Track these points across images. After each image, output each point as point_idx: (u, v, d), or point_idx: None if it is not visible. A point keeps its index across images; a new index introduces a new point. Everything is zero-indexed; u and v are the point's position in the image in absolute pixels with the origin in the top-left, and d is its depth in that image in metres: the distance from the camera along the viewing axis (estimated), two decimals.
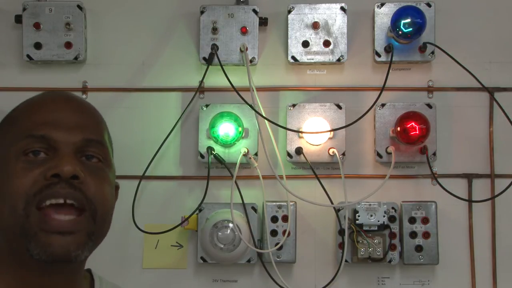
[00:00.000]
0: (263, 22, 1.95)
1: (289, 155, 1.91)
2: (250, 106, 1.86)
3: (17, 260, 1.02)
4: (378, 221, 1.86)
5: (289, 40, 1.93)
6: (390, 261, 1.88)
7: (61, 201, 1.00)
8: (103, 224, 1.05)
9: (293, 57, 1.93)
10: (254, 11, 1.94)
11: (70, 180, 1.00)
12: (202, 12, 1.94)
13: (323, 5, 1.93)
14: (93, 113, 1.12)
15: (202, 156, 1.91)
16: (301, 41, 1.93)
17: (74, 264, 1.04)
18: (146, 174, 1.92)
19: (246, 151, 1.90)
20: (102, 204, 1.04)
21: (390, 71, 1.88)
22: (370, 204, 1.86)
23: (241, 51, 1.92)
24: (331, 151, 1.90)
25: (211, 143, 1.90)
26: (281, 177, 1.90)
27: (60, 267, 1.03)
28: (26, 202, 0.99)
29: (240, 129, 1.88)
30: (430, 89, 1.96)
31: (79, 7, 1.95)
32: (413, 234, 1.89)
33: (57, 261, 1.00)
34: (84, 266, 1.11)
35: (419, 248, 1.88)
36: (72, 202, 1.00)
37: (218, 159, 1.89)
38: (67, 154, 1.03)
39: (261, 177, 1.90)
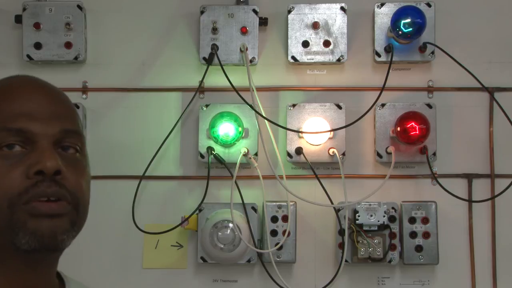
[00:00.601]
0: (263, 22, 1.95)
1: (289, 155, 1.91)
2: (250, 106, 1.86)
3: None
4: (378, 221, 1.86)
5: (289, 40, 1.93)
6: (390, 261, 1.88)
7: (45, 199, 0.98)
8: (83, 215, 1.04)
9: (293, 57, 1.93)
10: (254, 11, 1.94)
11: (53, 177, 0.98)
12: (202, 12, 1.94)
13: (323, 5, 1.93)
14: (66, 101, 1.08)
15: (202, 156, 1.91)
16: (301, 41, 1.93)
17: (56, 254, 1.03)
18: (146, 174, 1.92)
19: (246, 151, 1.90)
20: (82, 196, 1.03)
21: (390, 71, 1.88)
22: (370, 204, 1.86)
23: (241, 51, 1.92)
24: (331, 151, 1.90)
25: (211, 143, 1.90)
26: (281, 177, 1.90)
27: (45, 255, 1.01)
28: (10, 202, 0.97)
29: (240, 129, 1.88)
30: (430, 89, 1.96)
31: (79, 7, 1.95)
32: (413, 234, 1.89)
33: (45, 247, 0.98)
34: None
35: (419, 248, 1.88)
36: (55, 199, 0.99)
37: (218, 159, 1.89)
38: (47, 147, 0.99)
39: (261, 177, 1.90)
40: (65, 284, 1.12)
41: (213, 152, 1.89)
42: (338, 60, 1.93)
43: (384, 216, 1.86)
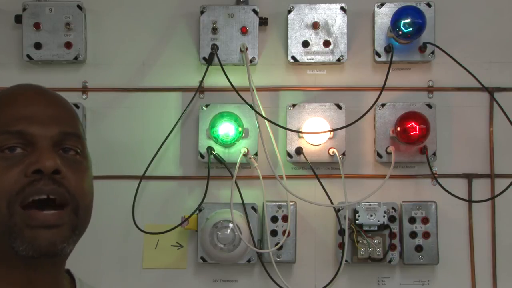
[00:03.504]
0: (263, 22, 1.95)
1: (289, 155, 1.91)
2: (250, 106, 1.86)
3: (1, 257, 1.02)
4: (378, 221, 1.86)
5: (289, 40, 1.93)
6: (390, 261, 1.88)
7: (44, 196, 1.00)
8: (85, 217, 1.05)
9: (293, 57, 1.93)
10: (254, 11, 1.94)
11: (52, 176, 1.00)
12: (202, 12, 1.94)
13: (323, 5, 1.93)
14: (66, 106, 1.11)
15: (202, 156, 1.91)
16: (301, 41, 1.93)
17: (58, 258, 1.04)
18: (146, 174, 1.93)
19: (246, 151, 1.90)
20: (83, 198, 1.04)
21: (390, 71, 1.88)
22: (370, 204, 1.86)
23: (241, 51, 1.92)
24: (331, 151, 1.90)
25: (211, 143, 1.90)
26: (281, 177, 1.90)
27: (45, 261, 1.02)
28: (8, 202, 0.99)
29: (240, 129, 1.88)
30: (430, 89, 1.96)
31: (79, 7, 1.95)
32: (413, 234, 1.89)
33: (44, 255, 1.00)
34: (66, 262, 1.11)
35: (419, 248, 1.88)
36: (55, 197, 1.00)
37: (218, 159, 1.89)
38: (46, 148, 1.02)
39: (261, 177, 1.90)
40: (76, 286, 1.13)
41: (213, 152, 1.89)
42: (338, 60, 1.93)
43: (384, 216, 1.86)
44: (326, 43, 1.93)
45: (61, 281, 1.10)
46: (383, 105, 1.92)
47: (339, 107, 1.92)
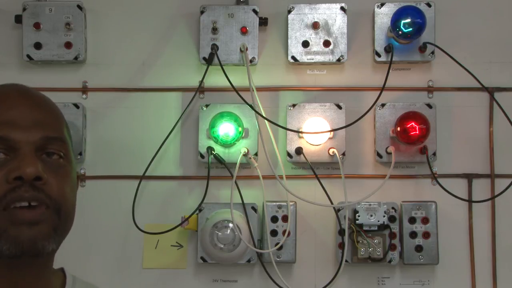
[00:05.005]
0: (263, 22, 1.95)
1: (289, 155, 1.91)
2: (250, 106, 1.86)
3: None
4: (378, 221, 1.86)
5: (289, 40, 1.93)
6: (390, 261, 1.88)
7: (25, 204, 1.00)
8: (66, 219, 1.05)
9: (293, 57, 1.93)
10: (254, 11, 1.94)
11: (33, 182, 1.00)
12: (202, 12, 1.94)
13: (323, 5, 1.93)
14: (51, 108, 1.10)
15: (202, 156, 1.91)
16: (301, 41, 1.93)
17: (41, 258, 1.04)
18: (146, 174, 1.92)
19: (246, 151, 1.90)
20: (65, 202, 1.04)
21: (390, 71, 1.88)
22: (370, 204, 1.86)
23: (241, 51, 1.92)
24: (331, 151, 1.90)
25: (211, 143, 1.90)
26: (281, 177, 1.90)
27: (28, 261, 1.03)
28: None
29: (240, 129, 1.88)
30: (430, 89, 1.96)
31: (79, 7, 1.95)
32: (413, 234, 1.89)
33: (26, 253, 1.00)
34: (52, 262, 1.11)
35: (419, 248, 1.88)
36: (36, 203, 1.00)
37: (218, 159, 1.89)
38: (28, 154, 1.01)
39: (261, 177, 1.90)
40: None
41: (213, 152, 1.89)
42: (338, 60, 1.93)
43: (384, 216, 1.86)
44: (326, 43, 1.93)
45: (46, 281, 1.10)
46: (383, 105, 1.92)
47: (339, 107, 1.92)
